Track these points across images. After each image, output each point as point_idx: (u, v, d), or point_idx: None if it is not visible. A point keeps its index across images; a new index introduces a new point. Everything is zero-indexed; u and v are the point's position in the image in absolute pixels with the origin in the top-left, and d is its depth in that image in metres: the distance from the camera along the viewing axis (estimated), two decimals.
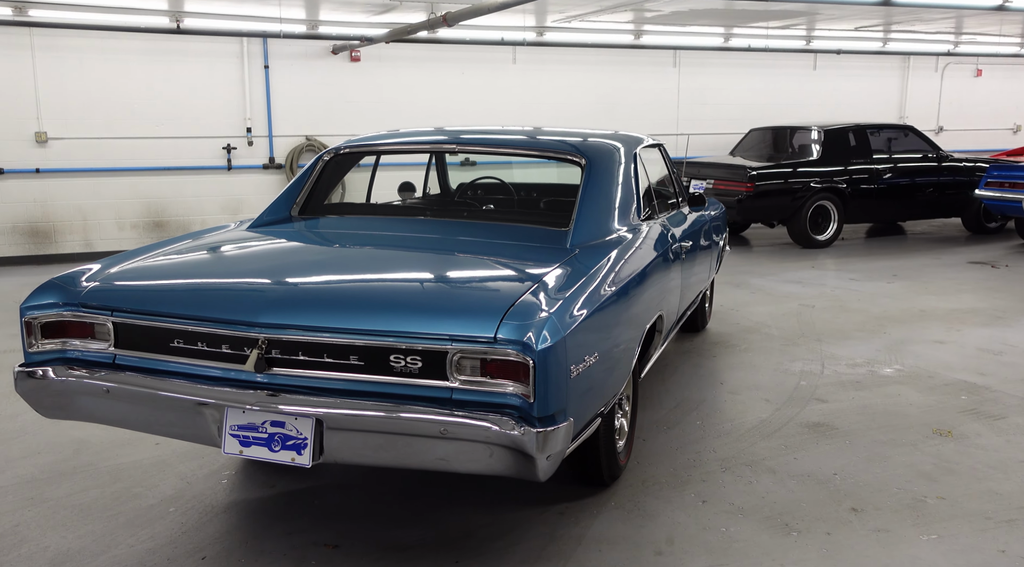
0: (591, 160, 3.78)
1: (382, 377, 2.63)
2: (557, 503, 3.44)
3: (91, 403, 2.93)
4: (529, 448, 2.44)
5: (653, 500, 3.47)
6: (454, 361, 2.55)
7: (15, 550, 3.11)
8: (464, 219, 3.94)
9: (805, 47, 12.43)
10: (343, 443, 2.66)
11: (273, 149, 10.31)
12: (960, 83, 14.84)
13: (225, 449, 2.77)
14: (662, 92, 12.32)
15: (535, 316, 2.53)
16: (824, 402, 4.67)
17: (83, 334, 2.96)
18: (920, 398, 4.74)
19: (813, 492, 3.54)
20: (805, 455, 3.93)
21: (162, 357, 2.86)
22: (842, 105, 13.63)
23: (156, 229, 10.01)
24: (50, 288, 3.01)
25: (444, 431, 2.52)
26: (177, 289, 3.01)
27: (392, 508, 3.43)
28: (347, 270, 3.16)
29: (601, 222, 3.57)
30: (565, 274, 2.92)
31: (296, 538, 3.18)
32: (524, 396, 2.49)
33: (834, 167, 10.43)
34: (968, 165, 11.25)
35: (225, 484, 3.67)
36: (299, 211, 4.05)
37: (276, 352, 2.70)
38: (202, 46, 9.79)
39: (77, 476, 3.77)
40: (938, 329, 6.32)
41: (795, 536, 3.16)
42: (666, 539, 3.15)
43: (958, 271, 8.87)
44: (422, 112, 10.89)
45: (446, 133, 4.30)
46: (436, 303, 2.74)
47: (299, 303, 2.76)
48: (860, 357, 5.57)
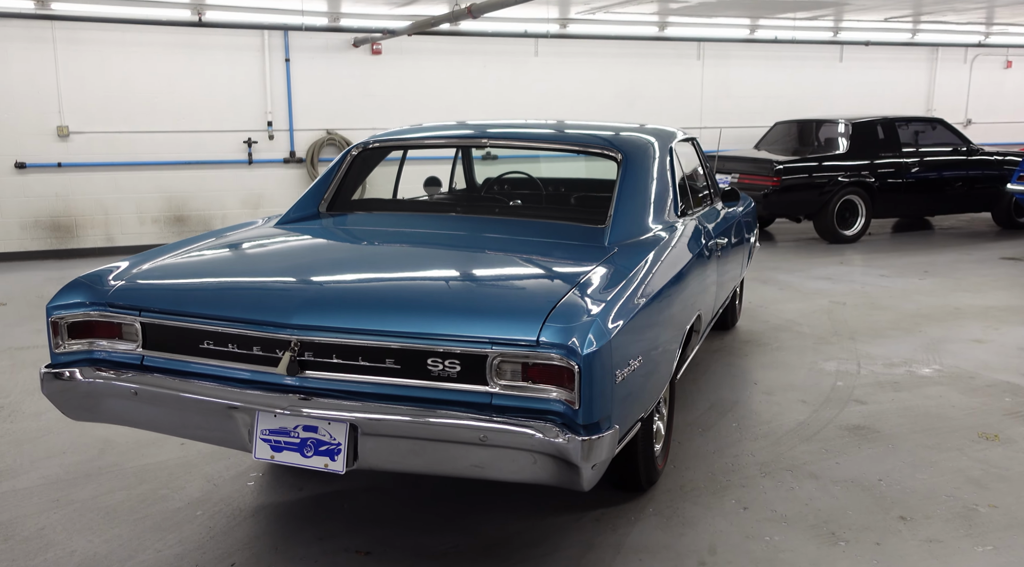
0: (628, 155, 3.66)
1: (419, 381, 2.53)
2: (593, 509, 3.34)
3: (118, 405, 2.85)
4: (574, 457, 2.34)
5: (692, 506, 3.37)
6: (494, 365, 2.45)
7: (41, 554, 3.05)
8: (495, 215, 3.84)
9: (832, 39, 12.23)
10: (378, 449, 2.57)
11: (294, 143, 10.24)
12: (989, 75, 14.58)
13: (256, 454, 2.68)
14: (685, 84, 12.16)
15: (580, 319, 2.43)
16: (863, 404, 4.55)
17: (110, 334, 2.89)
18: (962, 400, 4.60)
19: (858, 499, 3.42)
20: (847, 460, 3.81)
21: (191, 359, 2.77)
22: (868, 97, 13.42)
23: (177, 223, 9.97)
24: (76, 287, 2.93)
25: (484, 437, 2.42)
26: (206, 289, 2.92)
27: (423, 513, 3.34)
28: (380, 269, 3.06)
29: (639, 219, 3.46)
30: (606, 274, 2.82)
31: (327, 543, 3.10)
32: (568, 402, 2.39)
33: (862, 161, 10.25)
34: (999, 158, 11.03)
35: (252, 486, 3.60)
36: (327, 207, 3.96)
37: (309, 354, 2.61)
38: (223, 39, 9.72)
39: (102, 477, 3.70)
40: (975, 328, 6.16)
41: (843, 546, 3.05)
42: (708, 548, 3.04)
43: (991, 267, 8.69)
44: (443, 105, 10.79)
45: (477, 127, 4.19)
46: (475, 304, 2.63)
47: (333, 304, 2.66)
48: (897, 357, 5.43)
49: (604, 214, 3.62)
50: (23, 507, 3.42)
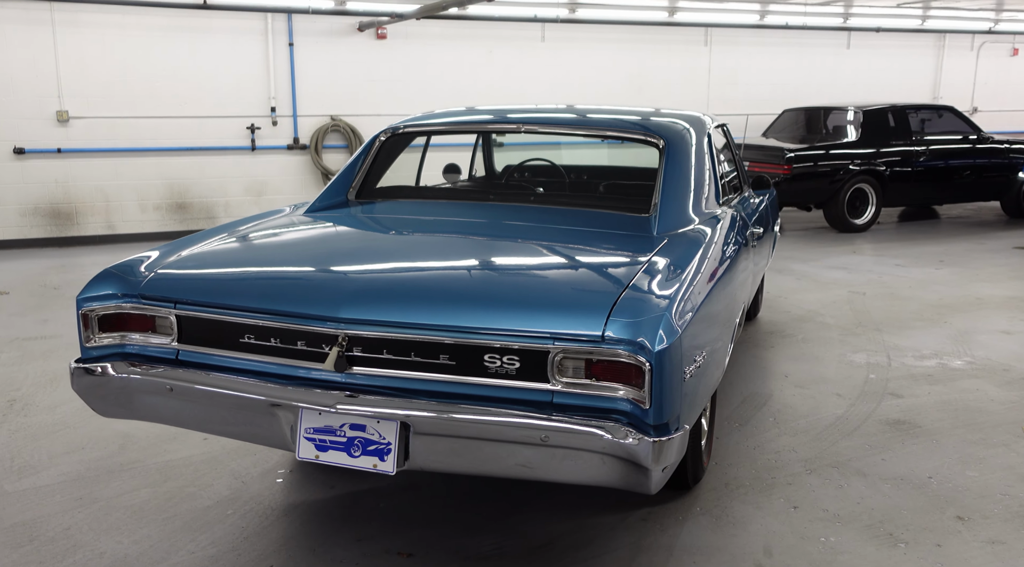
0: (670, 142, 3.53)
1: (474, 378, 2.41)
2: (639, 508, 3.23)
3: (152, 402, 2.71)
4: (644, 459, 2.22)
5: (740, 505, 3.26)
6: (555, 361, 2.33)
7: (69, 556, 2.92)
8: (531, 203, 3.70)
9: (842, 25, 12.09)
10: (431, 449, 2.45)
11: (297, 129, 10.06)
12: (996, 62, 14.48)
13: (299, 454, 2.55)
14: (693, 71, 12.01)
15: (648, 313, 2.30)
16: (899, 397, 4.44)
17: (143, 327, 2.75)
18: (1000, 393, 4.51)
19: (911, 498, 3.31)
20: (892, 456, 3.71)
21: (230, 353, 2.64)
22: (875, 84, 13.30)
23: (179, 211, 9.79)
24: (107, 278, 2.79)
25: (546, 438, 2.30)
26: (247, 280, 2.78)
27: (462, 513, 3.22)
28: (425, 260, 2.92)
29: (685, 208, 3.34)
30: (665, 266, 2.69)
31: (366, 545, 2.98)
32: (636, 401, 2.27)
33: (873, 149, 10.14)
34: (1008, 147, 10.94)
35: (281, 484, 3.47)
36: (355, 194, 3.81)
37: (357, 350, 2.47)
38: (225, 22, 9.52)
39: (126, 474, 3.57)
40: (1000, 319, 6.07)
41: (903, 548, 2.94)
42: (763, 550, 2.93)
43: (1006, 257, 8.60)
44: (449, 91, 10.62)
45: (511, 113, 4.05)
46: (535, 298, 2.50)
47: (384, 297, 2.53)
48: (926, 348, 5.33)
49: (644, 202, 3.49)
50: (46, 506, 3.28)
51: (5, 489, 3.43)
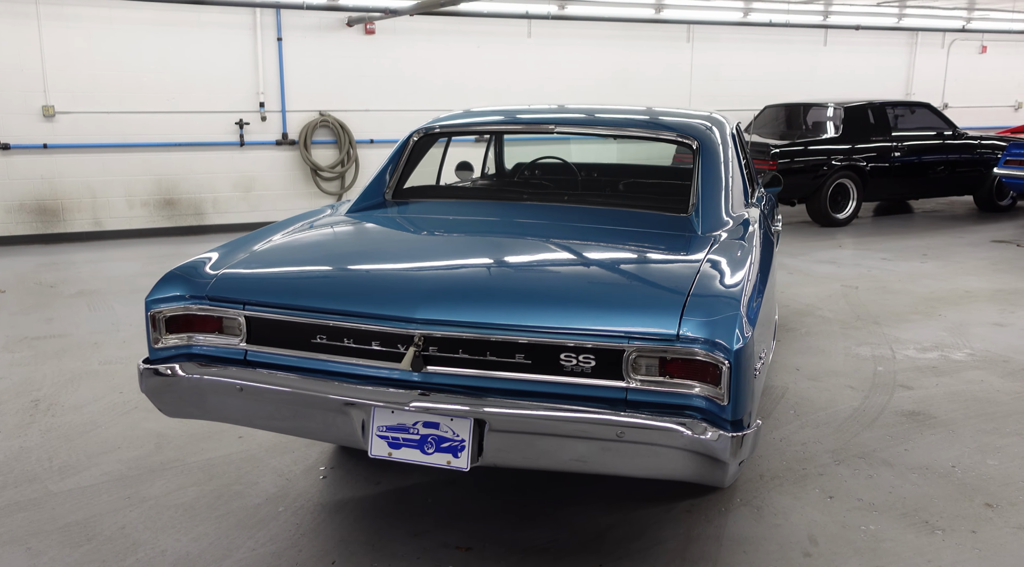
0: (703, 142, 3.63)
1: (549, 376, 2.48)
2: (680, 500, 3.33)
3: (221, 402, 2.75)
4: (722, 454, 2.31)
5: (778, 496, 3.37)
6: (630, 360, 2.41)
7: (131, 555, 2.94)
8: (566, 203, 3.77)
9: (822, 22, 12.31)
10: (506, 445, 2.52)
11: (286, 125, 10.02)
12: (965, 60, 14.84)
13: (372, 452, 2.61)
14: (675, 67, 12.16)
15: (722, 312, 2.39)
16: (910, 389, 4.60)
17: (209, 328, 2.78)
18: (1005, 384, 4.68)
19: (939, 486, 3.45)
20: (914, 446, 3.85)
21: (301, 353, 2.68)
22: (851, 81, 13.56)
23: (167, 207, 9.71)
24: (173, 280, 2.81)
25: (621, 433, 2.38)
26: (316, 281, 2.82)
27: (512, 507, 3.29)
28: (489, 260, 2.98)
29: (722, 208, 3.43)
30: (721, 265, 2.78)
31: (424, 540, 3.04)
32: (713, 398, 2.36)
33: (854, 145, 10.37)
34: (982, 143, 11.25)
35: (326, 481, 3.52)
36: (392, 194, 3.86)
37: (433, 349, 2.53)
38: (214, 16, 9.45)
39: (168, 473, 3.59)
40: (991, 311, 6.27)
41: (940, 535, 3.08)
42: (809, 539, 3.05)
43: (986, 250, 8.86)
44: (438, 86, 10.65)
45: (538, 112, 4.11)
46: (608, 298, 2.58)
47: (460, 298, 2.59)
48: (926, 341, 5.51)
49: (679, 202, 3.59)
50: (95, 505, 3.30)
51: (50, 489, 3.44)
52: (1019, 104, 15.83)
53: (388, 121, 10.44)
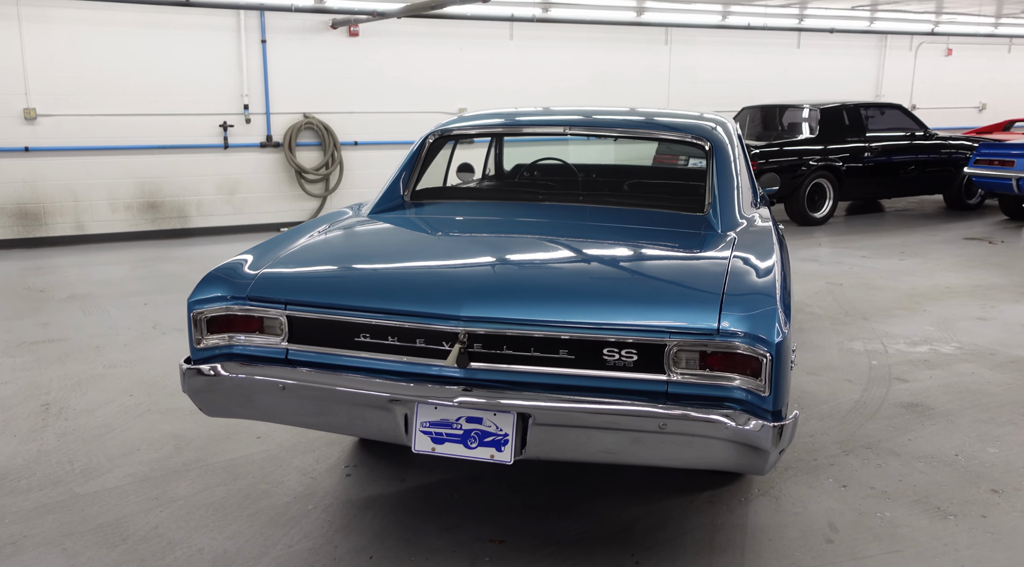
0: (715, 144, 3.73)
1: (592, 371, 2.56)
2: (701, 491, 3.43)
3: (263, 400, 2.79)
4: (764, 443, 2.40)
5: (793, 486, 3.48)
6: (671, 354, 2.50)
7: (169, 553, 2.97)
8: (581, 202, 3.86)
9: (797, 26, 12.54)
10: (549, 439, 2.59)
11: (271, 127, 10.01)
12: (932, 62, 15.20)
13: (416, 447, 2.67)
14: (654, 69, 12.33)
15: (761, 307, 2.49)
16: (905, 382, 4.75)
17: (250, 328, 2.82)
18: (995, 376, 4.85)
19: (946, 474, 3.59)
20: (916, 436, 3.99)
21: (344, 352, 2.73)
22: (824, 83, 13.84)
23: (150, 210, 9.65)
24: (213, 281, 2.85)
25: (663, 425, 2.47)
26: (359, 280, 2.87)
27: (540, 500, 3.37)
28: (524, 259, 3.05)
29: (736, 207, 3.54)
30: (750, 262, 2.88)
31: (457, 534, 3.11)
32: (753, 390, 2.45)
33: (831, 145, 10.59)
34: (951, 143, 11.55)
35: (351, 479, 3.57)
36: (411, 196, 3.92)
37: (478, 346, 2.60)
38: (197, 19, 9.42)
39: (191, 473, 3.62)
40: (973, 306, 6.47)
41: (953, 520, 3.21)
42: (829, 526, 3.16)
43: (960, 247, 9.11)
44: (422, 88, 10.70)
45: (549, 114, 4.19)
46: (648, 294, 2.66)
47: (504, 295, 2.66)
48: (915, 335, 5.67)
49: (693, 201, 3.70)
50: (124, 507, 3.32)
51: (76, 492, 3.45)
52: (983, 105, 16.24)
53: (372, 123, 10.47)
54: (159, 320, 6.10)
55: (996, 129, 14.48)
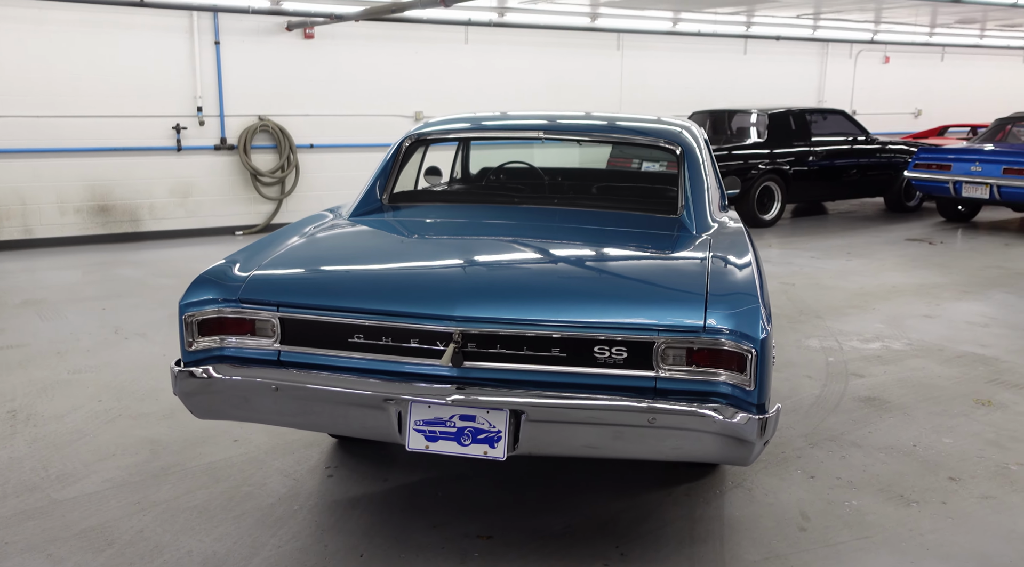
0: (687, 149, 3.86)
1: (583, 368, 2.65)
2: (678, 484, 3.54)
3: (256, 402, 2.81)
4: (750, 435, 2.51)
5: (765, 478, 3.62)
6: (659, 350, 2.60)
7: (157, 557, 2.97)
8: (556, 205, 3.94)
9: (745, 33, 12.84)
10: (541, 434, 2.66)
11: (225, 129, 9.91)
12: (871, 69, 15.68)
13: (409, 445, 2.72)
14: (606, 74, 12.51)
15: (745, 305, 2.60)
16: (861, 377, 4.94)
17: (242, 330, 2.84)
18: (944, 371, 5.07)
19: (906, 464, 3.76)
20: (876, 429, 4.16)
21: (338, 353, 2.77)
22: (769, 88, 14.18)
23: (101, 213, 9.48)
24: (204, 284, 2.87)
25: (652, 419, 2.56)
26: (352, 282, 2.91)
27: (523, 497, 3.45)
28: (514, 260, 3.12)
29: (708, 210, 3.67)
30: (728, 261, 3.00)
31: (445, 531, 3.16)
32: (738, 384, 2.56)
33: (779, 149, 10.88)
34: (892, 147, 11.96)
35: (334, 480, 3.60)
36: (388, 199, 3.96)
37: (472, 345, 2.67)
38: (149, 19, 9.29)
39: (171, 477, 3.61)
40: (919, 304, 6.73)
41: (916, 507, 3.37)
42: (801, 515, 3.30)
43: (902, 248, 9.44)
44: (378, 91, 10.70)
45: (525, 118, 4.27)
46: (637, 294, 2.76)
47: (497, 295, 2.73)
48: (867, 332, 5.89)
49: (664, 204, 3.82)
50: (106, 511, 3.30)
51: (54, 497, 3.42)
52: (919, 111, 16.80)
53: (328, 125, 10.44)
54: (120, 325, 6.02)
55: (932, 134, 15.03)
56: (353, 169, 10.67)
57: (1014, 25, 14.13)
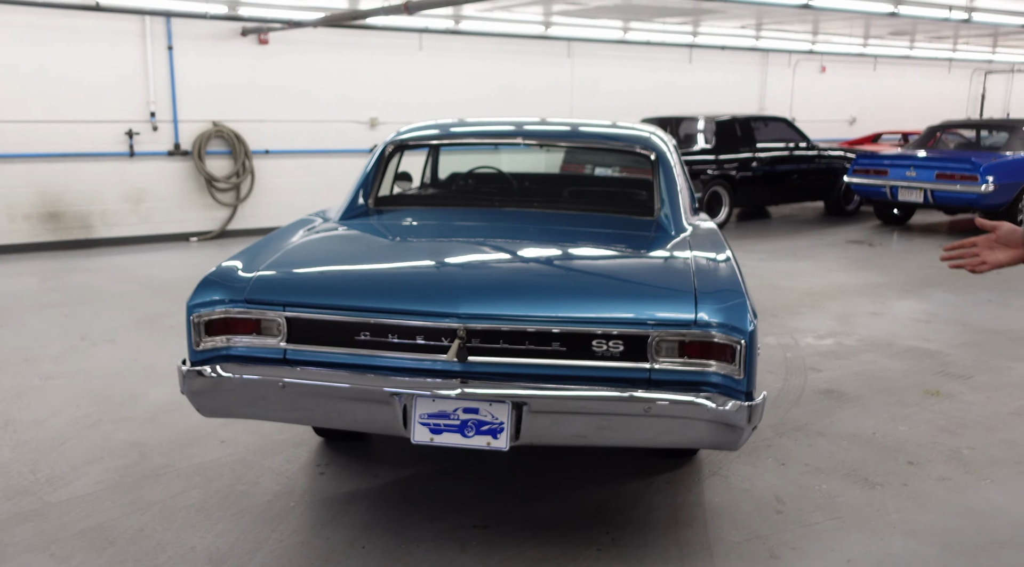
0: (660, 154, 4.04)
1: (582, 361, 2.79)
2: (660, 473, 3.71)
3: (263, 399, 2.89)
4: (740, 421, 2.69)
5: (739, 466, 3.81)
6: (653, 344, 2.76)
7: (161, 554, 3.03)
8: (536, 208, 4.09)
9: (691, 42, 13.18)
10: (542, 425, 2.80)
11: (179, 135, 9.84)
12: (808, 78, 16.23)
13: (415, 438, 2.84)
14: (557, 81, 12.73)
15: (732, 300, 2.78)
16: (819, 371, 5.20)
17: (247, 330, 2.92)
18: (894, 364, 5.36)
19: (867, 450, 4.00)
20: (837, 419, 4.40)
21: (344, 350, 2.87)
22: (713, 96, 14.58)
23: (51, 220, 9.32)
24: (210, 285, 2.94)
25: (648, 409, 2.72)
26: (357, 281, 3.01)
27: (514, 489, 3.58)
28: (510, 259, 3.25)
29: (683, 211, 3.85)
30: (710, 259, 3.18)
31: (441, 523, 3.28)
32: (728, 374, 2.73)
33: (727, 155, 11.23)
34: (832, 154, 12.43)
35: (326, 477, 3.68)
36: (374, 203, 4.06)
37: (475, 341, 2.79)
38: (100, 23, 9.18)
39: (163, 479, 3.65)
40: (865, 303, 7.06)
41: (880, 489, 3.60)
42: (776, 499, 3.50)
43: (844, 250, 9.83)
44: (332, 96, 10.74)
45: (505, 124, 4.42)
46: (631, 290, 2.92)
47: (499, 293, 2.86)
48: (820, 330, 6.17)
49: (639, 206, 4.01)
50: (102, 512, 3.34)
51: (47, 500, 3.44)
52: (853, 119, 17.43)
53: (283, 131, 10.43)
54: (85, 331, 5.98)
55: (866, 141, 15.62)
56: (309, 175, 10.70)
57: (941, 37, 14.78)
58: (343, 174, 10.93)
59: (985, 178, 9.96)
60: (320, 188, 10.81)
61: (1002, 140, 11.18)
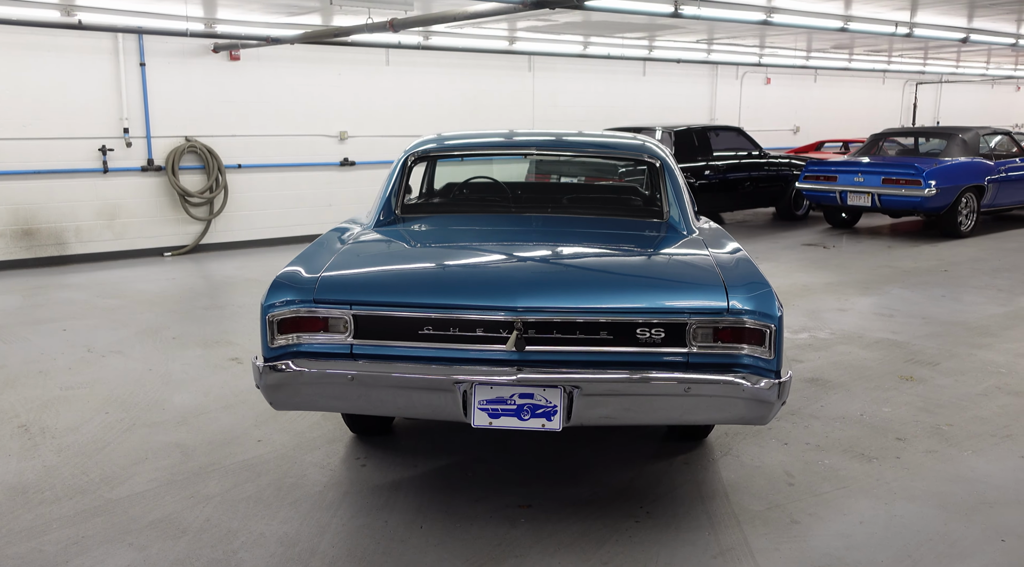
0: (664, 162, 4.39)
1: (628, 348, 3.10)
2: (675, 456, 4.03)
3: (332, 391, 3.13)
4: (771, 397, 3.02)
5: (747, 447, 4.16)
6: (691, 330, 3.08)
7: (234, 539, 3.24)
8: (553, 213, 4.39)
9: (647, 56, 13.66)
10: (592, 407, 3.09)
11: (152, 150, 9.90)
12: (754, 90, 16.88)
13: (475, 423, 3.11)
14: (519, 94, 13.09)
15: (759, 289, 3.13)
16: (801, 362, 5.59)
17: (314, 328, 3.16)
18: (868, 354, 5.79)
19: (859, 430, 4.38)
20: (827, 403, 4.79)
21: (408, 343, 3.13)
22: (667, 107, 15.10)
23: (25, 237, 9.30)
24: (281, 287, 3.17)
25: (688, 389, 3.04)
26: (420, 280, 3.27)
27: (543, 473, 3.85)
28: (552, 257, 3.55)
29: (690, 213, 4.20)
30: (728, 254, 3.53)
31: (486, 503, 3.54)
32: (759, 356, 3.07)
33: (684, 164, 11.68)
34: (783, 161, 13.01)
35: (367, 468, 3.91)
36: (401, 211, 4.31)
37: (532, 332, 3.08)
38: (72, 41, 9.22)
39: (213, 475, 3.84)
40: (831, 300, 7.52)
41: (876, 462, 3.98)
42: (786, 474, 3.85)
43: (802, 252, 10.35)
44: (303, 111, 10.90)
45: (515, 136, 4.72)
46: (669, 282, 3.25)
47: (551, 288, 3.15)
48: (794, 325, 6.59)
49: (648, 210, 4.35)
50: (165, 505, 3.52)
51: (108, 497, 3.61)
52: (797, 128, 18.15)
53: (256, 146, 10.56)
54: (90, 344, 6.08)
55: (810, 149, 16.32)
56: (282, 188, 10.84)
57: (878, 50, 15.56)
58: (314, 187, 11.12)
59: (928, 182, 10.59)
60: (293, 201, 10.97)
61: (940, 146, 11.87)
